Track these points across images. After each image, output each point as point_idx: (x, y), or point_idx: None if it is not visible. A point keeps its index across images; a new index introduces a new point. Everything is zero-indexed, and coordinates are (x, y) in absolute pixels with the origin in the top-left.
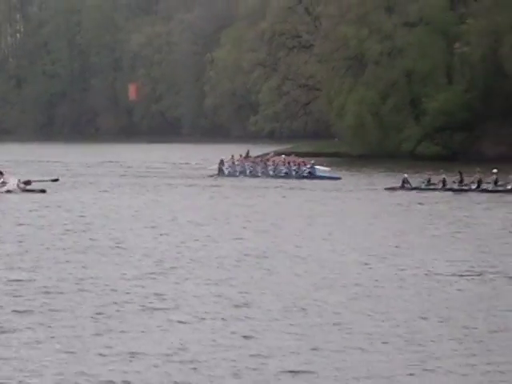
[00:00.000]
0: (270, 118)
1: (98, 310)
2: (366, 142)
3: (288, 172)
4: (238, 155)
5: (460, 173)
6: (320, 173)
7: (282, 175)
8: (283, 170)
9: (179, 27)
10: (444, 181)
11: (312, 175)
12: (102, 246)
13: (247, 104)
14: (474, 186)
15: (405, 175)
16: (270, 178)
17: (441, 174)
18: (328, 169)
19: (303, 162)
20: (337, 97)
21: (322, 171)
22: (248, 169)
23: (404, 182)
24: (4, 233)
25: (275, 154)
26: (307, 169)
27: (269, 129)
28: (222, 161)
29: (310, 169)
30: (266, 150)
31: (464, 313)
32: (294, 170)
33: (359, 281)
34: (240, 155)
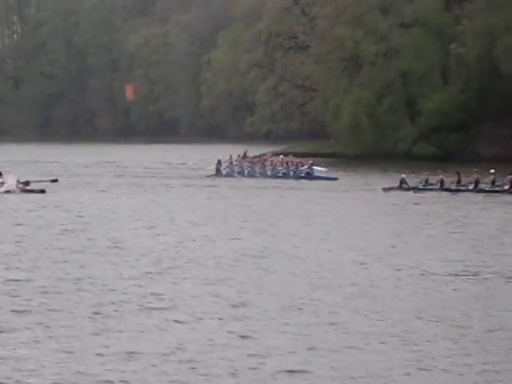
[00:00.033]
0: (267, 118)
1: (95, 310)
2: (362, 143)
3: (286, 172)
4: (236, 155)
5: (458, 173)
6: (317, 173)
7: (279, 175)
8: (281, 170)
9: (176, 28)
10: (442, 181)
11: (309, 175)
12: (99, 246)
13: (244, 105)
14: (471, 187)
15: (403, 175)
16: (268, 178)
17: (438, 174)
18: (325, 169)
19: (301, 162)
20: (333, 97)
21: (320, 172)
22: (246, 169)
23: (402, 182)
24: (2, 233)
25: (273, 154)
26: (305, 169)
27: (265, 129)
28: (219, 161)
29: (307, 169)
30: (262, 151)
31: (460, 312)
32: (291, 170)
33: (355, 280)
34: (238, 155)
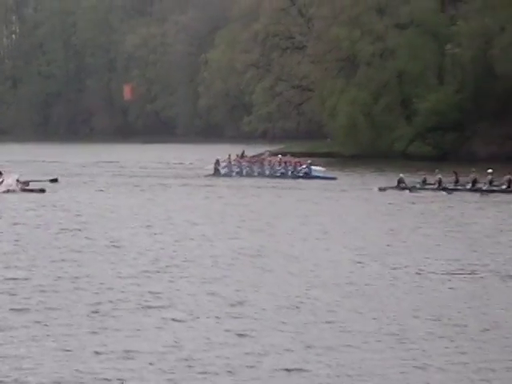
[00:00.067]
0: (264, 118)
1: (93, 309)
2: (358, 142)
3: (284, 172)
4: (234, 155)
5: (455, 173)
6: (316, 173)
7: (278, 175)
8: (279, 170)
9: (173, 28)
10: (440, 181)
11: (308, 175)
12: (97, 245)
13: (241, 104)
14: (469, 186)
15: (400, 175)
16: (266, 177)
17: (436, 174)
18: (323, 169)
19: (299, 162)
20: (329, 97)
21: (318, 171)
22: (244, 169)
23: (400, 181)
24: (1, 232)
25: (270, 154)
26: (303, 169)
27: (262, 129)
28: (217, 161)
29: (306, 169)
30: (259, 150)
31: (456, 311)
32: (290, 170)
33: (352, 279)
34: (236, 155)
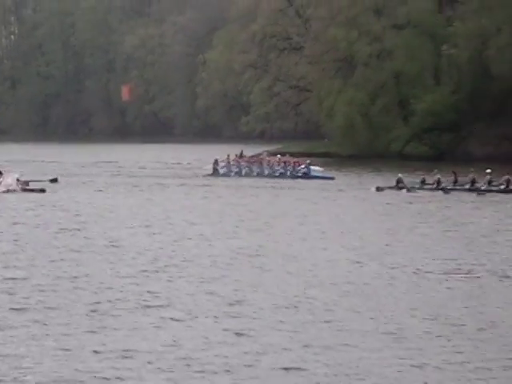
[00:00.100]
0: (261, 118)
1: (92, 308)
2: (356, 143)
3: (283, 172)
4: (233, 155)
5: (454, 173)
6: (314, 173)
7: (277, 175)
8: (278, 169)
9: (172, 29)
10: (438, 181)
11: (306, 175)
12: (96, 245)
13: (239, 105)
14: (467, 186)
15: (399, 175)
16: (265, 177)
17: (435, 174)
18: (322, 169)
19: (298, 162)
20: (327, 98)
21: (317, 171)
22: (243, 169)
23: (398, 181)
24: (1, 231)
25: (268, 154)
26: (302, 169)
27: (260, 129)
28: (216, 161)
29: (305, 169)
30: (257, 151)
31: (453, 310)
32: (289, 170)
33: (350, 279)
34: (236, 155)
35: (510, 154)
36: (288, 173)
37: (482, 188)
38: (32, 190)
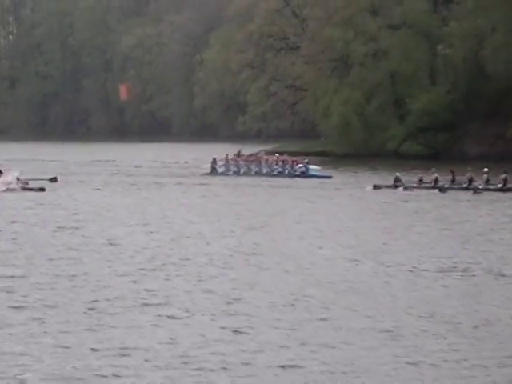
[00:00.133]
0: (258, 118)
1: (90, 306)
2: (352, 142)
3: (281, 171)
4: (231, 154)
5: (452, 172)
6: (312, 172)
7: (275, 174)
8: (277, 168)
9: (169, 29)
10: (436, 180)
11: (304, 174)
12: (94, 244)
13: (236, 104)
14: (465, 185)
15: (397, 174)
16: (264, 176)
17: (433, 173)
18: (319, 168)
19: (296, 161)
20: (323, 97)
21: (315, 170)
22: (242, 168)
23: (396, 180)
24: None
25: (266, 153)
26: (300, 168)
27: (257, 128)
28: (214, 160)
29: (303, 168)
30: (254, 150)
31: (448, 308)
32: (287, 168)
33: (347, 277)
34: (234, 154)
35: (504, 153)
36: (286, 172)
37: (480, 187)
38: (31, 189)
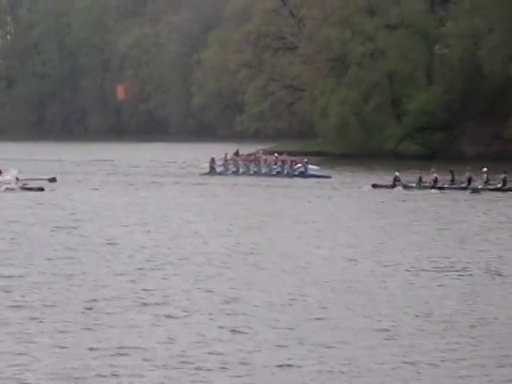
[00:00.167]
0: (256, 117)
1: (88, 305)
2: (349, 141)
3: (280, 171)
4: (230, 154)
5: (451, 172)
6: (311, 171)
7: (274, 174)
8: (276, 168)
9: (167, 29)
10: (435, 179)
11: (303, 174)
12: (92, 243)
13: (233, 104)
14: (464, 185)
15: (396, 173)
16: (263, 176)
17: (432, 172)
18: (318, 167)
19: (295, 160)
20: (320, 97)
21: (313, 170)
22: (241, 167)
23: (395, 179)
24: None
25: (264, 152)
26: (299, 168)
27: (254, 128)
28: (213, 159)
29: (302, 167)
30: (252, 149)
31: (446, 308)
32: (286, 168)
33: (344, 277)
34: (233, 154)
35: (501, 153)
36: (285, 171)
37: (479, 187)
38: (31, 189)
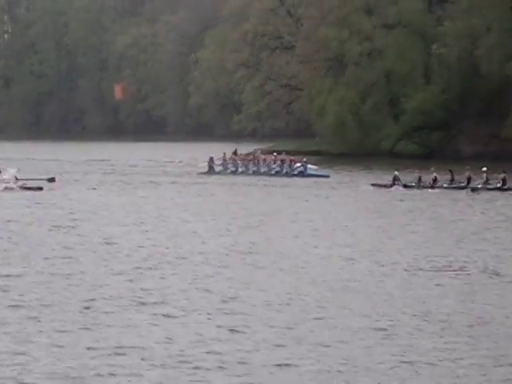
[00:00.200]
0: (253, 117)
1: (86, 305)
2: (346, 141)
3: (279, 170)
4: (229, 153)
5: (451, 171)
6: (310, 171)
7: (272, 173)
8: (275, 168)
9: (164, 28)
10: (435, 179)
11: (302, 173)
12: (90, 243)
13: (231, 103)
14: (464, 184)
15: (395, 172)
16: (262, 175)
17: (432, 172)
18: (317, 167)
19: (294, 160)
20: (318, 96)
21: (312, 169)
22: (239, 167)
23: (395, 179)
24: None
25: (262, 152)
26: (298, 167)
27: (252, 127)
28: (211, 158)
29: (301, 167)
30: (249, 149)
31: (443, 307)
32: (285, 168)
33: (342, 276)
34: (232, 153)
35: (498, 152)
36: (284, 171)
37: (479, 186)
38: (30, 188)
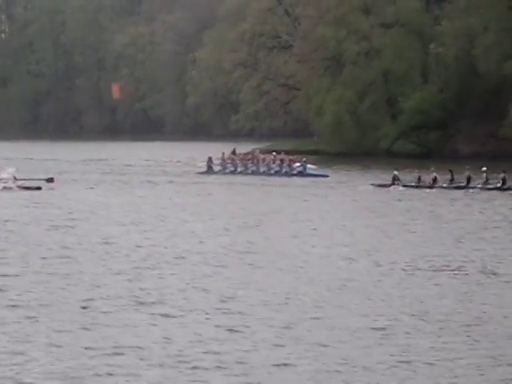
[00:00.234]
0: (251, 116)
1: (84, 305)
2: (344, 140)
3: (279, 170)
4: (227, 153)
5: (450, 171)
6: (309, 171)
7: (271, 173)
8: (274, 167)
9: (162, 28)
10: (435, 179)
11: (301, 173)
12: (88, 242)
13: (228, 103)
14: (463, 184)
15: (395, 172)
16: (261, 175)
17: (431, 172)
18: (316, 167)
19: (293, 160)
20: (315, 96)
21: (312, 169)
22: (239, 167)
23: (394, 178)
24: None
25: (261, 151)
26: (298, 167)
27: (249, 127)
28: (210, 158)
29: (300, 167)
30: (247, 148)
31: (441, 307)
32: (284, 167)
33: (340, 276)
34: (231, 153)
35: (496, 151)
36: (283, 171)
37: (479, 186)
38: (28, 188)
